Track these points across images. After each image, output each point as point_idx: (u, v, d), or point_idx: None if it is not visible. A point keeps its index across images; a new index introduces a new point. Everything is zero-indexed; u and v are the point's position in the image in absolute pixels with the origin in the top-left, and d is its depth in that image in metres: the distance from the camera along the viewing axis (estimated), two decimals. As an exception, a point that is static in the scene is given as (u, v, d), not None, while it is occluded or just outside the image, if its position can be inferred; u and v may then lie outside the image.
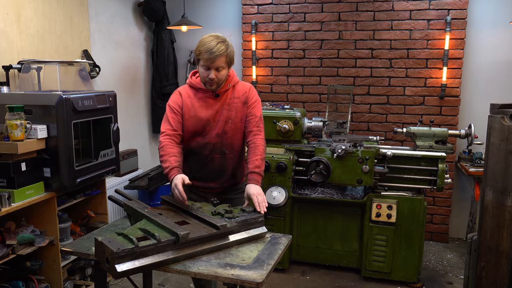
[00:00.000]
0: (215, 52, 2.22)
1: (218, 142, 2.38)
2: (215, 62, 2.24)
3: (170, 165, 2.23)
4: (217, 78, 2.27)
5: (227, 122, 2.37)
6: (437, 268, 3.82)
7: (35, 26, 3.17)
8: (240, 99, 2.41)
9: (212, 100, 2.37)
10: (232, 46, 2.32)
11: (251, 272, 1.73)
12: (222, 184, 2.48)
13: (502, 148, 2.17)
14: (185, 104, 2.37)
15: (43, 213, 2.79)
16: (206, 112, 2.36)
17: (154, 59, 4.82)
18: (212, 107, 2.37)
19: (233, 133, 2.40)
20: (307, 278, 3.60)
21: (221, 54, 2.23)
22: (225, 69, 2.29)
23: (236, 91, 2.42)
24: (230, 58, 2.29)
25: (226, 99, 2.38)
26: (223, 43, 2.26)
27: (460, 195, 4.39)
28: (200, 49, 2.27)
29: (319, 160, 3.37)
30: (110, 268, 1.66)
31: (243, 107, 2.41)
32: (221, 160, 2.41)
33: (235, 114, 2.39)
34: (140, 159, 4.60)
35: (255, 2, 4.55)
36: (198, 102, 2.37)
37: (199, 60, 2.30)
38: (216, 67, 2.25)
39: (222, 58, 2.25)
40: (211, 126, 2.37)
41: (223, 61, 2.26)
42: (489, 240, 2.27)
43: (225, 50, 2.25)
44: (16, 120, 2.51)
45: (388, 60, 4.30)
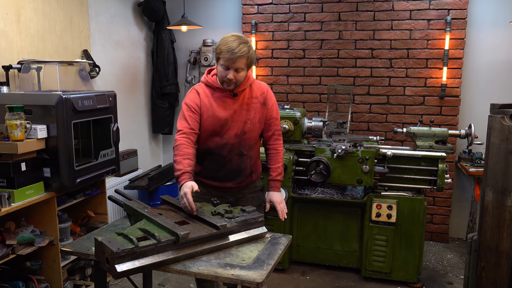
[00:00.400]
0: (237, 52, 2.17)
1: (237, 143, 2.37)
2: (235, 63, 2.20)
3: (183, 168, 2.15)
4: (235, 79, 2.24)
5: (246, 123, 2.35)
6: (437, 268, 3.82)
7: (35, 26, 3.17)
8: (258, 99, 2.39)
9: (230, 100, 2.34)
10: (252, 47, 2.29)
11: (251, 272, 1.73)
12: (239, 183, 2.47)
13: (502, 148, 2.17)
14: (203, 103, 2.33)
15: (43, 213, 2.79)
16: (224, 112, 2.33)
17: (154, 59, 4.82)
18: (230, 107, 2.34)
19: (251, 134, 2.39)
20: (307, 278, 3.60)
21: (242, 55, 2.19)
22: (244, 71, 2.26)
23: (254, 90, 2.39)
24: (251, 60, 2.25)
25: (244, 99, 2.36)
26: (245, 44, 2.21)
27: (460, 195, 4.39)
28: (221, 47, 2.22)
29: (319, 160, 3.37)
30: (110, 268, 1.66)
31: (262, 107, 2.40)
32: (239, 160, 2.40)
33: (253, 115, 2.37)
34: (140, 159, 4.60)
35: (255, 2, 4.55)
36: (216, 101, 2.34)
37: (218, 58, 2.25)
38: (235, 68, 2.21)
39: (243, 59, 2.21)
40: (229, 126, 2.34)
41: (244, 63, 2.22)
42: (489, 240, 2.27)
43: (247, 51, 2.20)
44: (16, 120, 2.51)
45: (388, 60, 4.30)
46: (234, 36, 2.24)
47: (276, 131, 2.48)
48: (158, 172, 4.31)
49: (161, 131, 5.00)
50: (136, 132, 4.70)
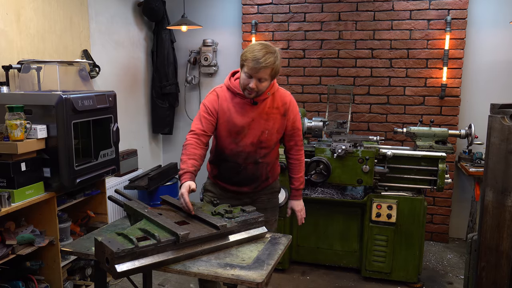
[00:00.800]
0: (262, 62, 2.12)
1: (252, 151, 2.34)
2: (259, 73, 2.15)
3: (185, 168, 2.16)
4: (257, 88, 2.19)
5: (263, 132, 2.32)
6: (437, 268, 3.82)
7: (35, 26, 3.17)
8: (279, 110, 2.34)
9: (249, 107, 2.29)
10: (280, 59, 2.22)
11: (251, 272, 1.73)
12: (255, 188, 2.48)
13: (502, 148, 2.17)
14: (221, 107, 2.30)
15: (43, 213, 2.78)
16: (241, 119, 2.29)
17: (154, 59, 4.82)
18: (248, 115, 2.29)
19: (268, 144, 2.36)
20: (307, 278, 3.59)
21: (267, 66, 2.13)
22: (268, 81, 2.21)
23: (276, 100, 2.34)
24: (275, 71, 2.20)
25: (265, 108, 2.31)
26: (272, 55, 2.15)
27: (460, 195, 4.39)
28: (247, 55, 2.17)
29: (319, 160, 3.37)
30: (110, 268, 1.66)
31: (282, 118, 2.35)
32: (254, 168, 2.38)
33: (272, 125, 2.33)
34: (140, 159, 4.60)
35: (255, 2, 4.55)
36: (234, 107, 2.29)
37: (243, 65, 2.20)
38: (259, 77, 2.16)
39: (267, 70, 2.15)
40: (245, 133, 2.31)
41: (268, 73, 2.17)
42: (489, 240, 2.26)
43: (272, 62, 2.14)
44: (16, 120, 2.51)
45: (388, 60, 4.30)
46: (261, 44, 2.18)
47: (299, 142, 2.49)
48: (158, 172, 4.31)
49: (161, 131, 5.00)
50: (136, 132, 4.70)
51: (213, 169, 2.51)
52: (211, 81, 4.94)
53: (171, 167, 4.61)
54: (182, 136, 5.13)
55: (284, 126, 2.38)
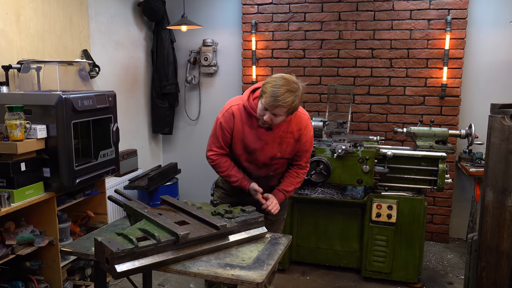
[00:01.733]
0: (280, 101, 2.08)
1: (264, 170, 2.43)
2: (275, 109, 2.13)
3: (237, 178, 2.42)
4: (272, 121, 2.20)
5: (276, 155, 2.37)
6: (437, 268, 3.81)
7: (35, 26, 3.17)
8: (293, 134, 2.34)
9: (263, 131, 2.31)
10: (300, 97, 2.14)
11: (251, 273, 1.73)
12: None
13: (502, 148, 2.16)
14: (236, 127, 2.32)
15: (43, 213, 2.78)
16: (254, 142, 2.33)
17: (154, 59, 4.81)
18: (262, 138, 2.32)
19: (280, 165, 2.44)
20: (307, 278, 3.59)
21: (284, 105, 2.10)
22: (282, 117, 2.19)
23: (292, 124, 2.33)
24: (293, 109, 2.17)
25: (279, 132, 2.32)
26: (292, 94, 2.09)
27: (460, 195, 4.39)
28: (267, 87, 2.12)
29: (319, 160, 3.37)
30: (109, 268, 1.66)
31: (295, 143, 2.37)
32: (266, 180, 2.47)
33: (285, 148, 2.36)
34: (140, 159, 4.60)
35: (255, 1, 4.54)
36: (249, 128, 2.31)
37: (261, 96, 2.16)
38: (274, 113, 2.15)
39: (284, 109, 2.12)
40: (258, 155, 2.36)
41: (283, 111, 2.15)
42: (489, 240, 2.26)
43: (290, 103, 2.09)
44: (15, 120, 2.50)
45: (388, 60, 4.30)
46: (284, 80, 2.11)
47: (304, 164, 2.50)
48: (158, 172, 4.30)
49: (161, 131, 5.00)
50: (136, 132, 4.70)
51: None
52: (211, 81, 4.94)
53: (171, 167, 4.61)
54: (182, 136, 5.13)
55: (295, 150, 2.42)
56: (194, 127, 5.08)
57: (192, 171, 4.94)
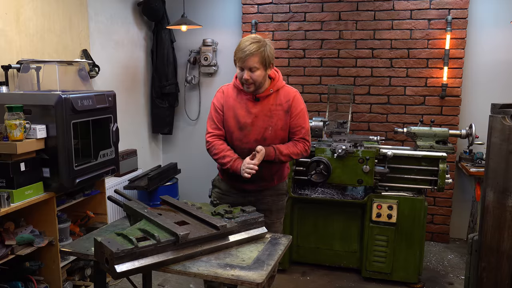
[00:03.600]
0: (246, 51, 2.21)
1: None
2: (246, 62, 2.22)
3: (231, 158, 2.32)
4: (251, 79, 2.25)
5: (266, 129, 2.34)
6: (437, 268, 3.81)
7: (34, 26, 3.16)
8: (282, 106, 2.35)
9: (251, 104, 2.35)
10: (269, 48, 2.26)
11: (251, 273, 1.72)
12: (259, 186, 2.47)
13: (503, 148, 2.16)
14: (226, 103, 2.38)
15: (42, 214, 2.77)
16: (244, 116, 2.34)
17: (154, 59, 4.81)
18: (251, 111, 2.34)
19: (272, 140, 2.37)
20: (307, 278, 3.59)
21: (252, 53, 2.21)
22: (260, 70, 2.25)
23: (280, 97, 2.36)
24: (263, 58, 2.23)
25: (268, 105, 2.34)
26: (257, 43, 2.22)
27: (461, 195, 4.38)
28: (236, 49, 2.29)
29: (319, 160, 3.36)
30: (109, 268, 1.65)
31: (285, 115, 2.36)
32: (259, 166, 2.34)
33: (275, 122, 2.35)
34: (140, 159, 4.59)
35: (255, 1, 4.54)
36: (239, 104, 2.37)
37: (235, 61, 2.30)
38: (248, 67, 2.23)
39: (254, 58, 2.22)
40: (249, 130, 2.34)
41: (256, 61, 2.22)
42: (490, 240, 2.25)
43: (257, 49, 2.21)
44: (15, 120, 2.50)
45: (388, 59, 4.29)
46: (249, 37, 2.29)
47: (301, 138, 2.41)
48: (158, 172, 4.30)
49: (160, 131, 4.99)
50: (135, 132, 4.69)
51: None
52: (211, 81, 4.94)
53: (170, 167, 4.61)
54: (182, 136, 5.13)
55: (288, 124, 2.38)
56: (194, 127, 5.08)
57: (192, 171, 4.94)
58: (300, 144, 2.40)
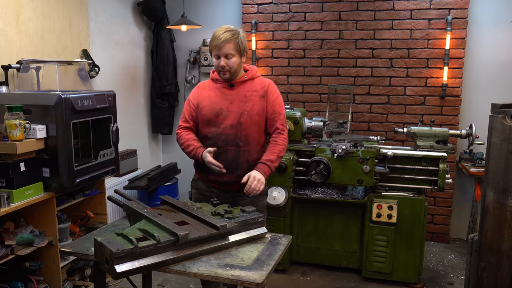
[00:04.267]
0: (221, 38, 2.31)
1: (232, 134, 2.40)
2: (222, 49, 2.32)
3: (193, 147, 2.43)
4: (228, 65, 2.35)
5: (242, 114, 2.40)
6: (438, 268, 3.81)
7: (34, 26, 3.16)
8: (258, 92, 2.44)
9: (227, 90, 2.44)
10: (242, 36, 2.38)
11: (251, 273, 1.72)
12: (236, 178, 2.41)
13: (503, 148, 2.15)
14: (200, 95, 2.48)
15: (42, 214, 2.77)
16: (220, 101, 2.42)
17: (154, 59, 4.81)
18: (227, 97, 2.43)
19: (248, 125, 2.41)
20: (308, 278, 3.58)
21: (227, 40, 2.31)
22: (236, 57, 2.36)
23: (255, 84, 2.47)
24: (238, 45, 2.35)
25: (243, 91, 2.43)
26: (230, 32, 2.34)
27: (461, 195, 4.38)
28: (210, 40, 2.39)
29: (319, 160, 3.36)
30: (109, 268, 1.65)
31: (261, 100, 2.44)
32: (235, 152, 2.42)
33: (251, 107, 2.41)
34: (140, 159, 4.59)
35: (255, 1, 4.54)
36: (214, 92, 2.46)
37: (211, 51, 2.39)
38: (224, 54, 2.33)
39: (229, 44, 2.32)
40: (225, 115, 2.40)
41: (231, 48, 2.33)
42: (490, 240, 2.25)
43: (230, 36, 2.32)
44: (15, 120, 2.49)
45: (388, 59, 4.29)
46: (222, 27, 2.38)
47: (280, 126, 2.47)
48: (158, 172, 4.30)
49: (160, 131, 4.99)
50: (135, 132, 4.69)
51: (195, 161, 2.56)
52: (211, 81, 4.93)
53: (170, 167, 4.60)
54: (182, 136, 5.12)
55: (264, 109, 2.44)
56: (194, 127, 5.07)
57: (192, 171, 4.89)
58: (279, 139, 2.46)
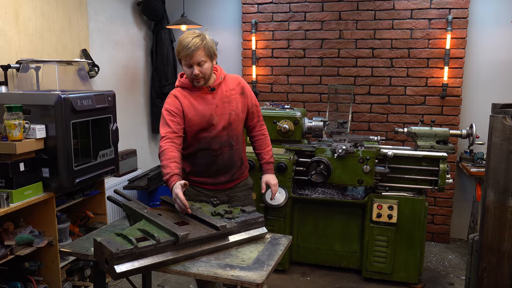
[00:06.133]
0: (191, 47, 2.21)
1: (225, 135, 2.39)
2: (193, 58, 2.23)
3: (170, 171, 2.12)
4: (201, 73, 2.27)
5: (230, 114, 2.39)
6: (438, 269, 3.80)
7: (34, 25, 3.16)
8: (236, 90, 2.44)
9: (209, 96, 2.37)
10: (209, 39, 2.30)
11: (251, 273, 1.72)
12: (232, 176, 2.46)
13: (503, 148, 2.15)
14: (184, 104, 2.34)
15: (42, 214, 2.77)
16: (207, 108, 2.36)
17: (154, 59, 4.80)
18: (211, 102, 2.37)
19: (237, 124, 2.43)
20: (308, 279, 3.58)
21: (197, 47, 2.22)
22: (208, 63, 2.28)
23: (228, 83, 2.44)
24: (208, 50, 2.27)
25: (223, 92, 2.40)
26: (198, 37, 2.25)
27: (461, 195, 4.37)
28: (178, 48, 2.28)
29: (319, 160, 3.36)
30: (109, 269, 1.65)
31: (242, 97, 2.45)
32: (230, 152, 2.42)
33: (236, 105, 2.41)
34: (139, 159, 4.59)
35: (255, 1, 4.53)
36: (196, 100, 2.36)
37: (180, 60, 2.30)
38: (197, 62, 2.25)
39: (200, 51, 2.23)
40: (215, 120, 2.36)
41: (202, 55, 2.25)
42: (490, 240, 2.24)
43: (200, 43, 2.24)
44: (14, 120, 2.49)
45: (389, 59, 4.28)
46: (187, 33, 2.29)
47: (260, 117, 2.59)
48: (158, 172, 4.29)
49: (160, 131, 4.98)
50: (135, 132, 4.68)
51: (186, 167, 2.44)
52: (211, 81, 4.92)
53: (170, 167, 4.59)
54: (182, 136, 5.11)
55: (245, 105, 2.47)
56: (194, 127, 5.06)
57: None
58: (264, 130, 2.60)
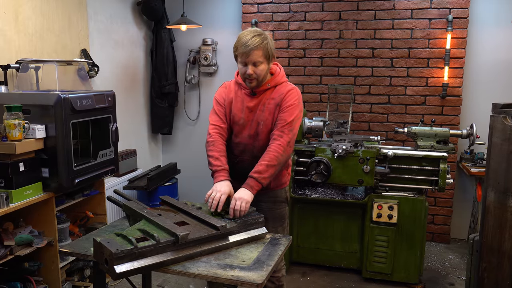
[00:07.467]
0: (250, 45, 2.13)
1: (250, 144, 2.31)
2: (250, 57, 2.16)
3: (221, 164, 2.18)
4: (255, 73, 2.19)
5: (259, 124, 2.28)
6: (438, 269, 3.80)
7: (34, 25, 3.15)
8: (275, 100, 2.27)
9: (248, 98, 2.30)
10: (270, 40, 2.21)
11: (251, 273, 1.71)
12: None
13: (504, 148, 2.15)
14: (227, 96, 2.36)
15: (42, 214, 2.76)
16: (240, 109, 2.31)
17: (153, 59, 4.80)
18: (246, 106, 2.30)
19: (265, 136, 2.28)
20: (308, 279, 3.57)
21: (256, 47, 2.13)
22: (264, 64, 2.19)
23: (275, 92, 2.29)
24: (267, 51, 2.18)
25: (263, 99, 2.28)
26: (259, 36, 2.16)
27: (461, 195, 4.37)
28: (236, 44, 2.21)
29: (319, 160, 3.35)
30: (109, 269, 1.64)
31: (275, 109, 2.26)
32: (250, 163, 2.23)
33: (267, 116, 2.27)
34: (139, 159, 4.58)
35: (255, 1, 4.53)
36: (236, 99, 2.33)
37: (236, 56, 2.24)
38: (252, 61, 2.17)
39: (258, 51, 2.14)
40: (244, 125, 2.30)
41: (260, 55, 2.16)
42: (491, 241, 2.24)
43: (260, 42, 2.14)
44: (14, 120, 2.49)
45: (389, 59, 4.28)
46: (248, 30, 2.21)
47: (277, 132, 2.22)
48: (157, 172, 4.29)
49: (160, 131, 4.98)
50: (135, 132, 4.68)
51: None
52: (210, 81, 4.92)
53: (170, 167, 4.60)
54: (182, 136, 5.12)
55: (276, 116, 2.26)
56: (194, 127, 5.07)
57: (192, 171, 4.93)
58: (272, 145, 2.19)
